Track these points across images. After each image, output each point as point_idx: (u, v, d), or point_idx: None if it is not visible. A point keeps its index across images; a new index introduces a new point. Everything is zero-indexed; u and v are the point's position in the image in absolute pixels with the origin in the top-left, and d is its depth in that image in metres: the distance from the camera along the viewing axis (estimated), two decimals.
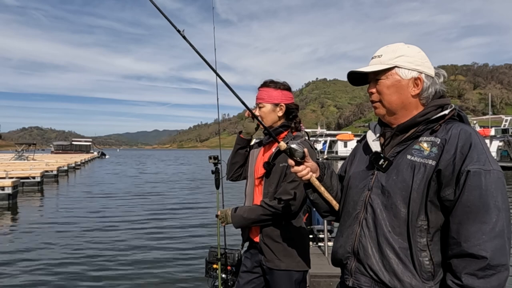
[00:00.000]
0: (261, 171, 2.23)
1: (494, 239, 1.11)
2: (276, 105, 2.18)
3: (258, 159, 2.32)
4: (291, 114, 2.22)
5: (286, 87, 2.23)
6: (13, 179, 13.45)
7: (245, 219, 2.15)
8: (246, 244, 2.36)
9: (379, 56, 1.37)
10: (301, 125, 2.26)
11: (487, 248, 1.10)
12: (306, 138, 2.20)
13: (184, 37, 1.66)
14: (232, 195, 2.71)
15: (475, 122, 44.84)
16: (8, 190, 12.65)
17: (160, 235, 8.16)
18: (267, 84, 2.22)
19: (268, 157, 2.17)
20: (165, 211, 11.33)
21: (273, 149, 2.18)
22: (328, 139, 59.52)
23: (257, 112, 2.21)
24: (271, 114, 2.19)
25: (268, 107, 2.18)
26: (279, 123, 2.21)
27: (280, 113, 2.19)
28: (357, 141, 1.60)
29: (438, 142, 1.23)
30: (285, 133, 2.21)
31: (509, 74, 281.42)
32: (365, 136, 1.52)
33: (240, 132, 2.40)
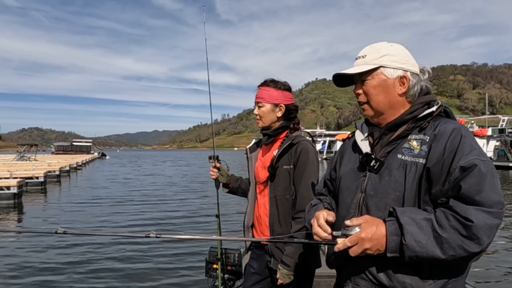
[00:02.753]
0: (263, 175, 2.20)
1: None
2: (276, 105, 2.16)
3: (257, 163, 2.30)
4: (290, 114, 2.21)
5: (286, 88, 2.21)
6: (18, 179, 13.75)
7: (296, 252, 2.01)
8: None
9: (363, 57, 1.36)
10: (300, 125, 2.26)
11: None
12: (309, 138, 2.19)
13: None
14: (232, 196, 2.82)
15: (472, 122, 45.09)
16: (14, 190, 12.97)
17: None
18: (267, 83, 2.19)
19: (269, 160, 2.16)
20: (165, 211, 11.39)
21: (274, 152, 2.16)
22: (327, 139, 59.80)
23: (256, 111, 2.20)
24: (270, 114, 2.17)
25: (267, 107, 2.16)
26: (277, 123, 2.19)
27: (280, 114, 2.18)
28: (343, 140, 1.58)
29: (427, 140, 1.23)
30: (285, 133, 2.21)
31: (508, 74, 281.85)
32: (351, 135, 1.51)
33: (223, 185, 2.48)
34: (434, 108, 1.28)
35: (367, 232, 1.15)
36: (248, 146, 2.43)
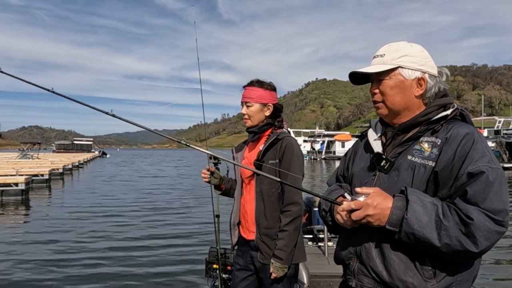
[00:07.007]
0: (248, 171, 2.23)
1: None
2: (265, 105, 2.21)
3: (244, 160, 2.35)
4: (277, 113, 2.27)
5: (272, 88, 2.26)
6: (25, 176, 14.25)
7: (287, 245, 2.06)
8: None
9: (381, 56, 1.34)
10: (283, 123, 2.32)
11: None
12: (291, 135, 2.24)
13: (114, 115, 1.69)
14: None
15: None
16: (22, 186, 13.53)
17: (160, 235, 8.24)
18: (253, 83, 2.24)
19: (255, 156, 2.20)
20: (165, 211, 11.42)
21: (260, 147, 2.21)
22: (326, 139, 60.21)
23: (243, 111, 2.24)
24: (259, 114, 2.22)
25: (256, 106, 2.20)
26: (264, 122, 2.24)
27: (268, 113, 2.23)
28: (357, 136, 1.58)
29: (438, 143, 1.21)
30: (269, 130, 2.26)
31: (508, 75, 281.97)
32: (365, 133, 1.50)
33: (215, 187, 2.52)
34: (448, 112, 1.27)
35: (373, 200, 1.18)
36: (234, 146, 2.52)
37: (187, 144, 1.79)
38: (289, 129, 2.49)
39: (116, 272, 5.80)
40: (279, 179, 1.59)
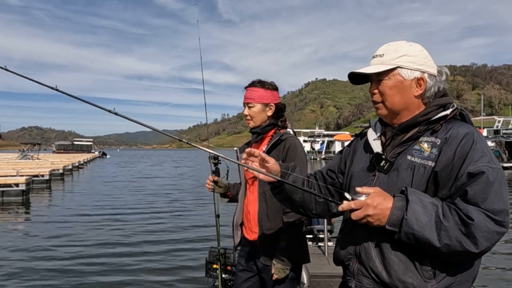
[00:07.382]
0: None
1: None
2: (266, 105, 2.20)
3: None
4: (279, 113, 2.26)
5: (274, 87, 2.25)
6: (26, 177, 14.29)
7: (289, 246, 2.08)
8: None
9: (380, 56, 1.33)
10: (287, 123, 2.31)
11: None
12: (295, 136, 2.25)
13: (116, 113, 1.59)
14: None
15: None
16: (22, 187, 13.55)
17: (160, 235, 8.28)
18: (255, 84, 2.23)
19: None
20: (165, 211, 11.46)
21: (263, 148, 2.21)
22: (326, 139, 60.31)
23: (246, 112, 2.23)
24: (261, 114, 2.21)
25: (258, 107, 2.19)
26: (267, 122, 2.23)
27: (270, 113, 2.22)
28: (356, 135, 1.56)
29: (438, 143, 1.21)
30: (273, 130, 2.25)
31: (507, 74, 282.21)
32: (364, 132, 1.49)
33: (222, 195, 2.51)
34: (448, 111, 1.27)
35: (373, 200, 1.17)
36: (238, 147, 2.50)
37: (189, 142, 1.77)
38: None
39: (116, 272, 5.81)
40: (279, 178, 1.46)
